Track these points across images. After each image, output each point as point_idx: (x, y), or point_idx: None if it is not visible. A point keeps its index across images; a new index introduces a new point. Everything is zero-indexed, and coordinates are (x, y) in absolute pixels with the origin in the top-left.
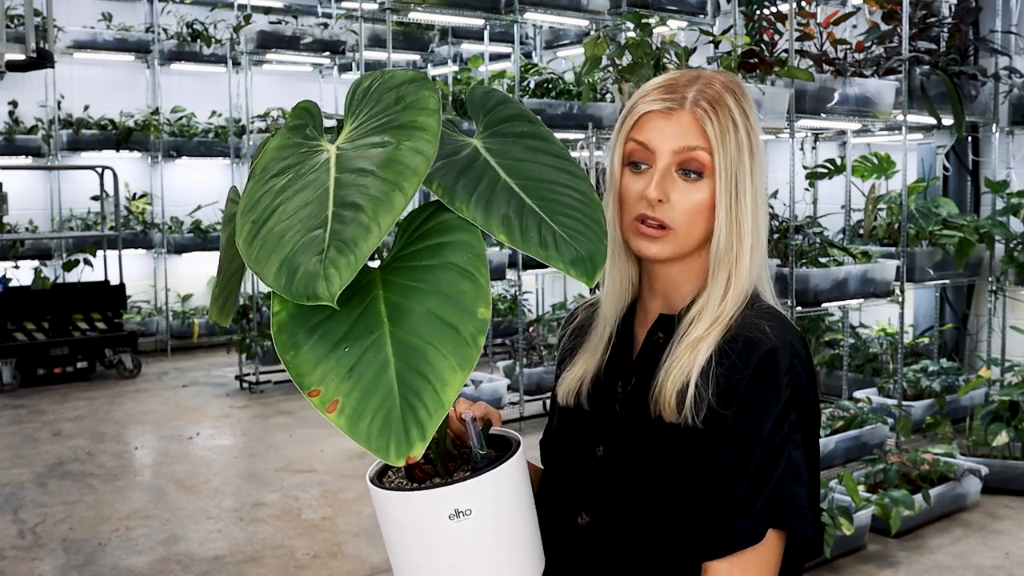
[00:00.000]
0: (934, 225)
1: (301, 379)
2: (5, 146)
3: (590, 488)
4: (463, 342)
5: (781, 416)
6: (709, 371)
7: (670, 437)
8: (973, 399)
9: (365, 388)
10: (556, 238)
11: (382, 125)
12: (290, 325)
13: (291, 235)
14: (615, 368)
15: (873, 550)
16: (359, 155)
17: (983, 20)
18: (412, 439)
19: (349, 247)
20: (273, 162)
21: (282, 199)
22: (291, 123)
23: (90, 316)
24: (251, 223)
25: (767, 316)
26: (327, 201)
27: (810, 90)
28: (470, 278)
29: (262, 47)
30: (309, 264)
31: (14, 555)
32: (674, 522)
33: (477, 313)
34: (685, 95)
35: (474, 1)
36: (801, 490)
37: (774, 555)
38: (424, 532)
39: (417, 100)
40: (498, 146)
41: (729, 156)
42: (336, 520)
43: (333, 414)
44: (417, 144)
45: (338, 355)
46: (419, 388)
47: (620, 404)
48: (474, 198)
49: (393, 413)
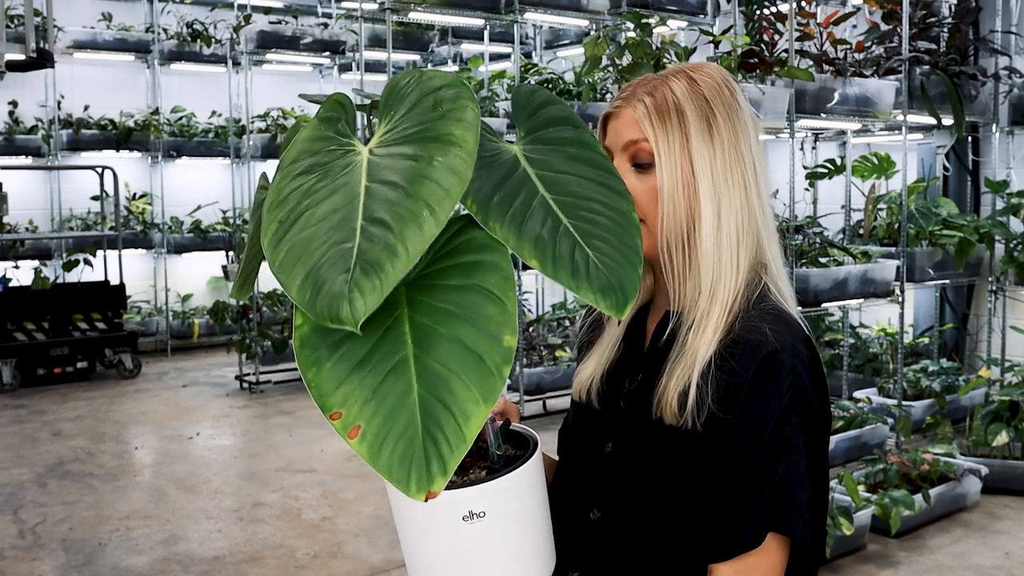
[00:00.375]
0: (934, 225)
1: (323, 400)
2: (5, 146)
3: (600, 484)
4: (488, 372)
5: (782, 419)
6: (709, 374)
7: (671, 439)
8: (973, 399)
9: (387, 413)
10: (589, 265)
11: (417, 134)
12: (313, 340)
13: (318, 243)
14: (625, 364)
15: (873, 550)
16: (390, 164)
17: (983, 20)
18: (433, 474)
19: (375, 270)
20: (303, 155)
21: (311, 201)
22: (323, 114)
23: (90, 316)
24: (278, 223)
25: (770, 317)
26: (356, 212)
27: (810, 90)
28: (498, 302)
29: (262, 47)
30: (335, 282)
31: (14, 555)
32: (681, 521)
33: (503, 340)
34: (636, 93)
35: (474, 1)
36: (802, 494)
37: (779, 560)
38: (438, 531)
39: (455, 109)
40: (539, 155)
41: (672, 143)
42: (336, 520)
43: (355, 440)
44: (452, 162)
45: (360, 376)
46: (441, 420)
47: (625, 401)
48: (508, 216)
49: (415, 443)
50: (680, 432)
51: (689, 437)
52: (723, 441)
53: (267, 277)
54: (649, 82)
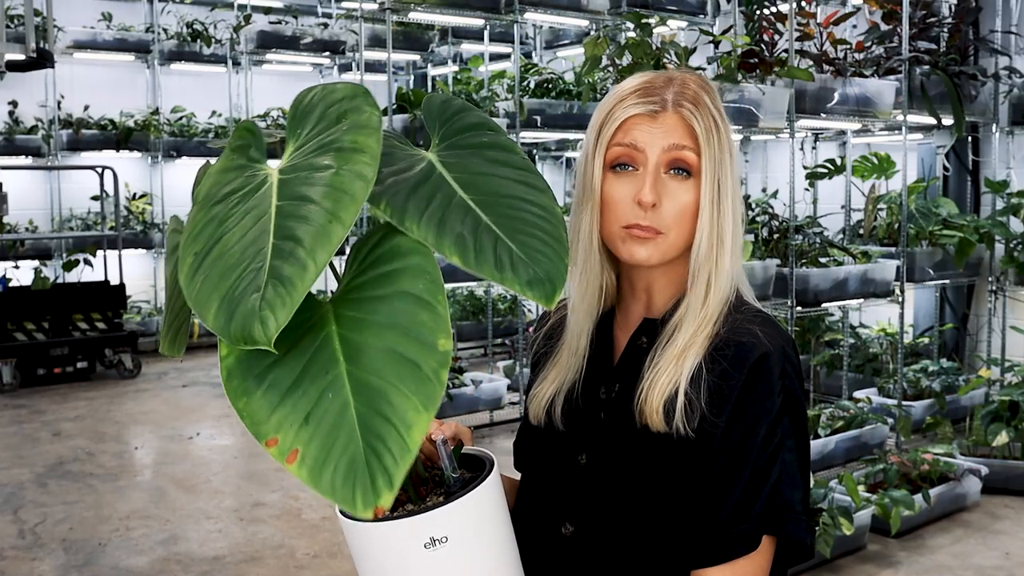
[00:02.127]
0: (934, 225)
1: (256, 428)
2: (5, 146)
3: (574, 497)
4: (425, 379)
5: (775, 421)
6: (700, 379)
7: (657, 447)
8: (973, 399)
9: (325, 435)
10: (513, 258)
11: (324, 146)
12: (239, 370)
13: (233, 270)
14: (595, 375)
15: (873, 550)
16: (301, 180)
17: (983, 20)
18: (379, 488)
19: (284, 286)
20: (216, 187)
21: (224, 229)
22: (234, 143)
23: (90, 316)
24: (193, 255)
25: (757, 320)
26: (268, 232)
27: (810, 90)
28: (427, 307)
29: (262, 47)
30: (247, 304)
31: (14, 555)
32: (661, 531)
33: (438, 345)
34: (665, 97)
35: (474, 1)
36: (796, 494)
37: (766, 560)
38: (399, 563)
39: (359, 119)
40: (455, 159)
41: (713, 156)
42: (336, 520)
43: (293, 465)
44: (357, 168)
45: (293, 400)
46: (383, 432)
47: (604, 411)
48: (425, 217)
49: (357, 460)
50: (668, 439)
51: (677, 443)
52: (714, 444)
53: None
54: (669, 85)
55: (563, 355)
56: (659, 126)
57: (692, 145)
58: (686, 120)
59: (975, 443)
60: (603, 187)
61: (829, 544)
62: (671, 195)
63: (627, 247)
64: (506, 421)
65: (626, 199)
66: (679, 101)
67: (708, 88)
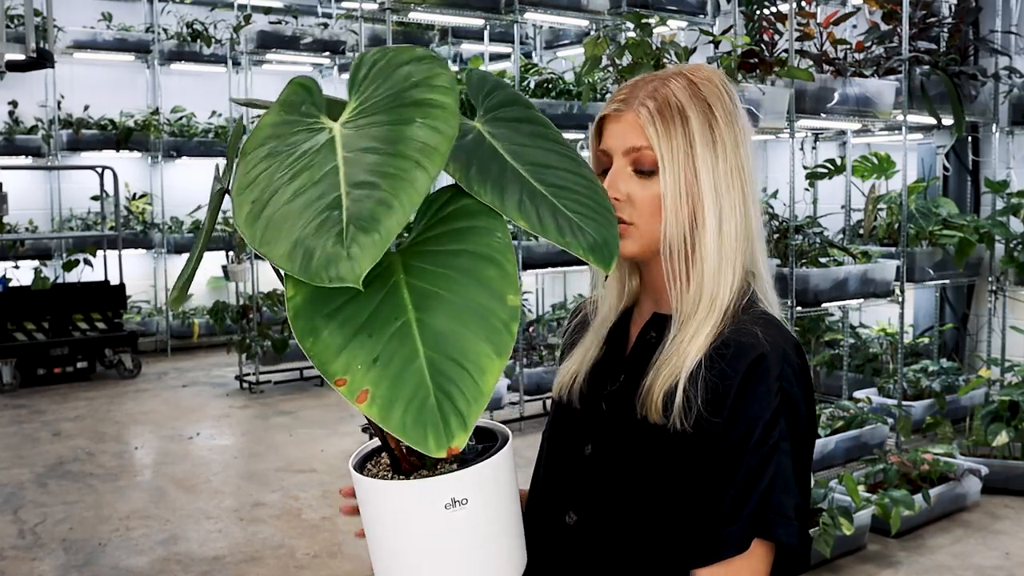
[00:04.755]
0: (934, 225)
1: (325, 367)
2: (5, 146)
3: (578, 487)
4: (496, 329)
5: (770, 423)
6: (699, 376)
7: (655, 439)
8: (973, 399)
9: (394, 376)
10: (572, 225)
11: (392, 103)
12: (307, 310)
13: (299, 217)
14: (607, 365)
15: (873, 550)
16: (367, 133)
17: (983, 20)
18: (453, 429)
19: (372, 225)
20: (269, 140)
21: (282, 178)
22: (286, 98)
23: (90, 316)
24: (250, 203)
25: (761, 322)
26: (337, 182)
27: (810, 90)
28: (496, 264)
29: (262, 47)
30: (327, 245)
31: (14, 555)
32: (661, 525)
33: (507, 300)
34: (636, 95)
35: (474, 1)
36: (789, 499)
37: (763, 565)
38: (416, 522)
39: (429, 77)
40: (498, 130)
41: (676, 151)
42: (336, 520)
43: (364, 404)
44: (435, 123)
45: (360, 342)
46: (455, 376)
47: (607, 402)
48: (489, 183)
49: (427, 403)
50: (666, 432)
51: (675, 438)
52: (710, 443)
53: (267, 277)
54: (648, 84)
55: (588, 339)
56: (621, 126)
57: (646, 144)
58: (640, 119)
59: (975, 443)
60: None
61: (829, 544)
62: (637, 189)
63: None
64: (506, 421)
65: None
66: (643, 100)
67: (698, 80)
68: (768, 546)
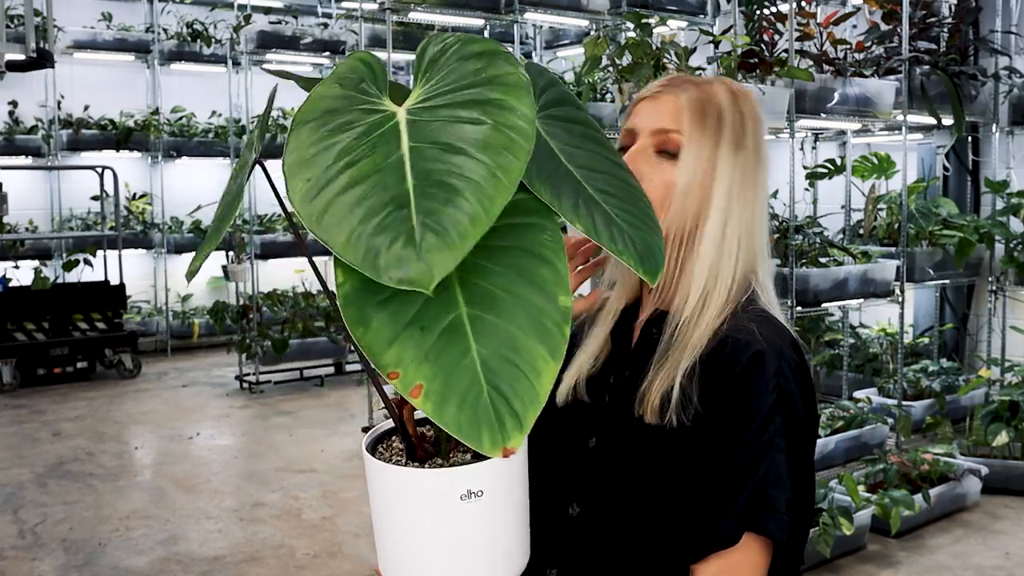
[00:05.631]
0: (934, 225)
1: (376, 358)
2: (5, 146)
3: (582, 479)
4: (549, 331)
5: (766, 419)
6: (695, 373)
7: (652, 437)
8: (973, 399)
9: (447, 373)
10: (624, 234)
11: (466, 98)
12: (356, 298)
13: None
14: (612, 360)
15: (873, 550)
16: (442, 128)
17: (983, 20)
18: (509, 430)
19: (450, 235)
20: (325, 114)
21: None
22: (342, 73)
23: (90, 316)
24: (306, 181)
25: (759, 319)
26: (403, 172)
27: (810, 90)
28: (548, 263)
29: (262, 47)
30: (396, 246)
31: (14, 555)
32: (663, 517)
33: (559, 300)
34: (678, 84)
35: (474, 1)
36: (781, 494)
37: (761, 562)
38: (430, 511)
39: (501, 75)
40: (554, 129)
41: (704, 143)
42: (336, 520)
43: (418, 399)
44: (514, 125)
45: (411, 334)
46: (510, 376)
47: (610, 396)
48: (545, 181)
49: (481, 401)
50: (662, 430)
51: (672, 435)
52: (706, 439)
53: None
54: (691, 80)
55: (591, 339)
56: (655, 106)
57: (676, 128)
58: (679, 103)
59: (975, 443)
60: None
61: (829, 544)
62: (653, 171)
63: None
64: None
65: None
66: (685, 87)
67: (736, 90)
68: (766, 543)
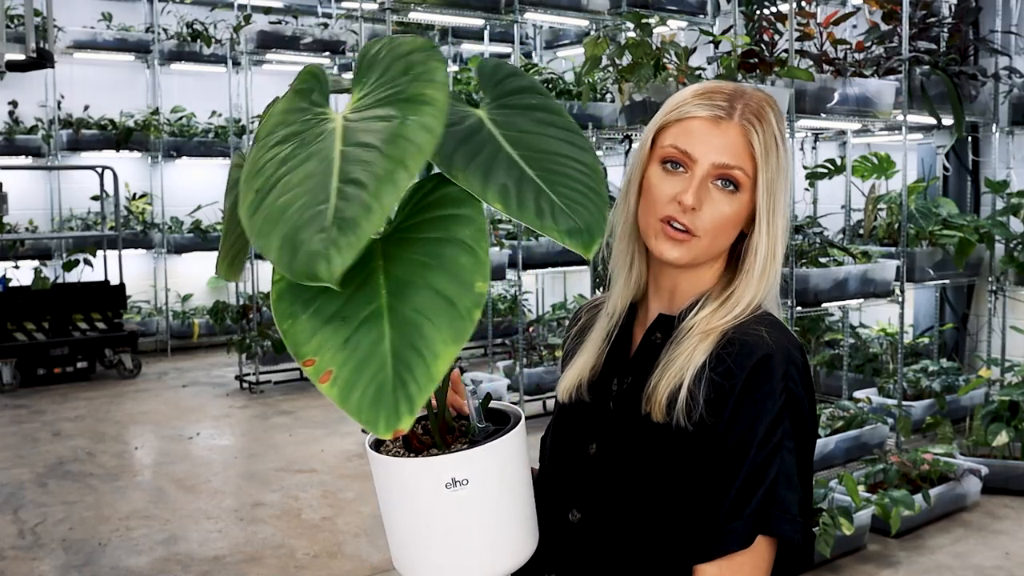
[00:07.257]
0: (934, 225)
1: (297, 348)
2: (5, 146)
3: (582, 485)
4: (458, 315)
5: (775, 421)
6: (703, 375)
7: (659, 437)
8: (973, 399)
9: (359, 360)
10: (554, 208)
11: (389, 97)
12: (288, 295)
13: (295, 209)
14: (612, 365)
15: (873, 550)
16: (365, 128)
17: (983, 20)
18: (401, 413)
19: (351, 227)
20: (278, 127)
21: (286, 169)
22: (298, 86)
23: (90, 316)
24: (254, 192)
25: (766, 322)
26: (331, 175)
27: (810, 90)
28: (471, 252)
29: (262, 47)
30: (312, 242)
31: (14, 555)
32: (664, 522)
33: (475, 287)
34: (734, 105)
35: (474, 1)
36: (792, 496)
37: (765, 562)
38: (420, 499)
39: (425, 71)
40: (504, 117)
41: (770, 172)
42: (336, 520)
43: (326, 384)
44: (424, 120)
45: (334, 326)
46: (411, 362)
47: (614, 402)
48: (472, 167)
49: (385, 387)
50: (669, 429)
51: (679, 435)
52: (713, 440)
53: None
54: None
55: (593, 337)
56: (719, 135)
57: (747, 164)
58: (746, 134)
59: (975, 443)
60: (648, 174)
61: (829, 544)
62: (712, 203)
63: (659, 244)
64: None
65: (668, 195)
66: (744, 113)
67: (774, 106)
68: (770, 542)
